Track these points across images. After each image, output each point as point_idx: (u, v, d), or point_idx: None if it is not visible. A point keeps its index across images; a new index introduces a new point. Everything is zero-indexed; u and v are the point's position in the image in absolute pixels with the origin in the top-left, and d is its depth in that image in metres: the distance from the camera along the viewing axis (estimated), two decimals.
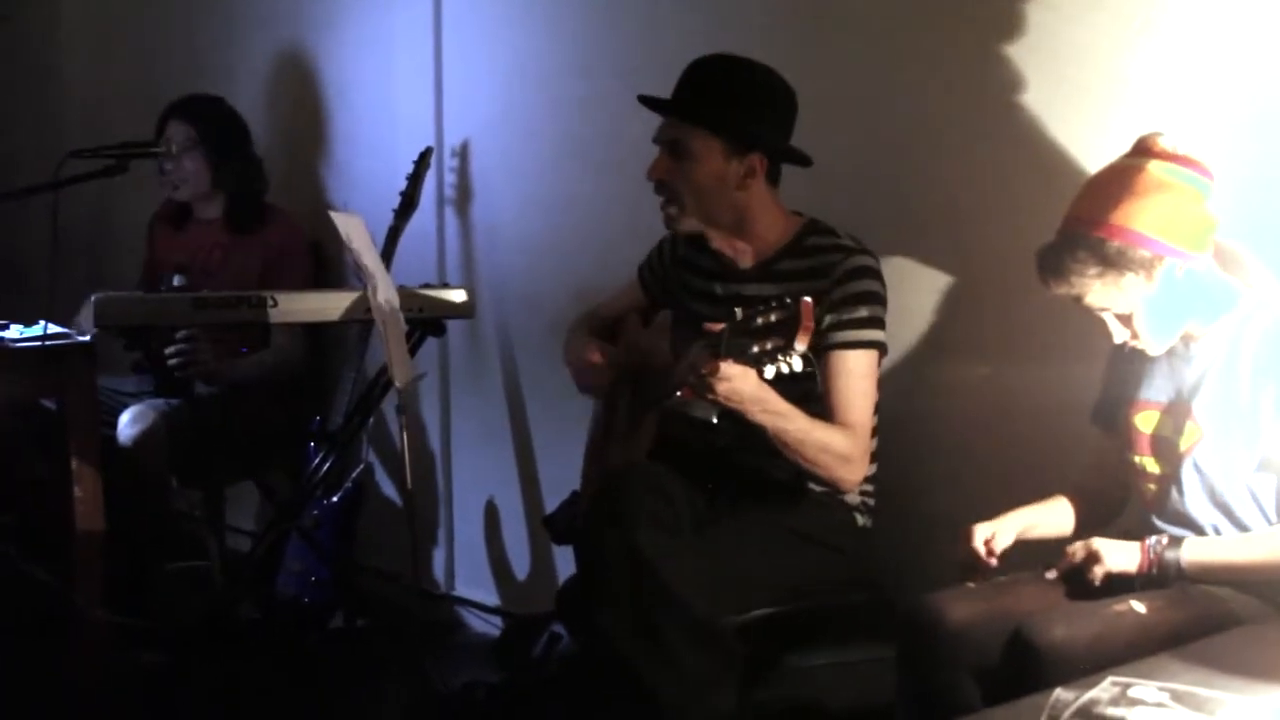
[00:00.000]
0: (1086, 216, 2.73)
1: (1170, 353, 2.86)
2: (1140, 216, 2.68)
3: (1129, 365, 2.96)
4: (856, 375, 3.30)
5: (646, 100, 3.49)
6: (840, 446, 3.26)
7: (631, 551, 3.04)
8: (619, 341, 3.79)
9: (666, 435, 3.38)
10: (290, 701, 4.20)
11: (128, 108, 6.04)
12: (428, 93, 4.92)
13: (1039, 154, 3.36)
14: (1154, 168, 2.71)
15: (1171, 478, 2.82)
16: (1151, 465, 2.88)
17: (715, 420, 3.22)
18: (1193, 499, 2.79)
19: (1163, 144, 2.74)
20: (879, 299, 3.35)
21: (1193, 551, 2.72)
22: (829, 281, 3.31)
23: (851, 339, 3.29)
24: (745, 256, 3.50)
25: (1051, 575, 2.84)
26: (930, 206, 3.62)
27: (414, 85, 4.98)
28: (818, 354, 3.21)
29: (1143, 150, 2.76)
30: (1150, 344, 2.81)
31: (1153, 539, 2.75)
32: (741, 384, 3.06)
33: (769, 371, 2.89)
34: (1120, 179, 2.73)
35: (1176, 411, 2.83)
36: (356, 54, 5.26)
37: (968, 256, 3.56)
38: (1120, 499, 3.02)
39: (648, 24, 4.28)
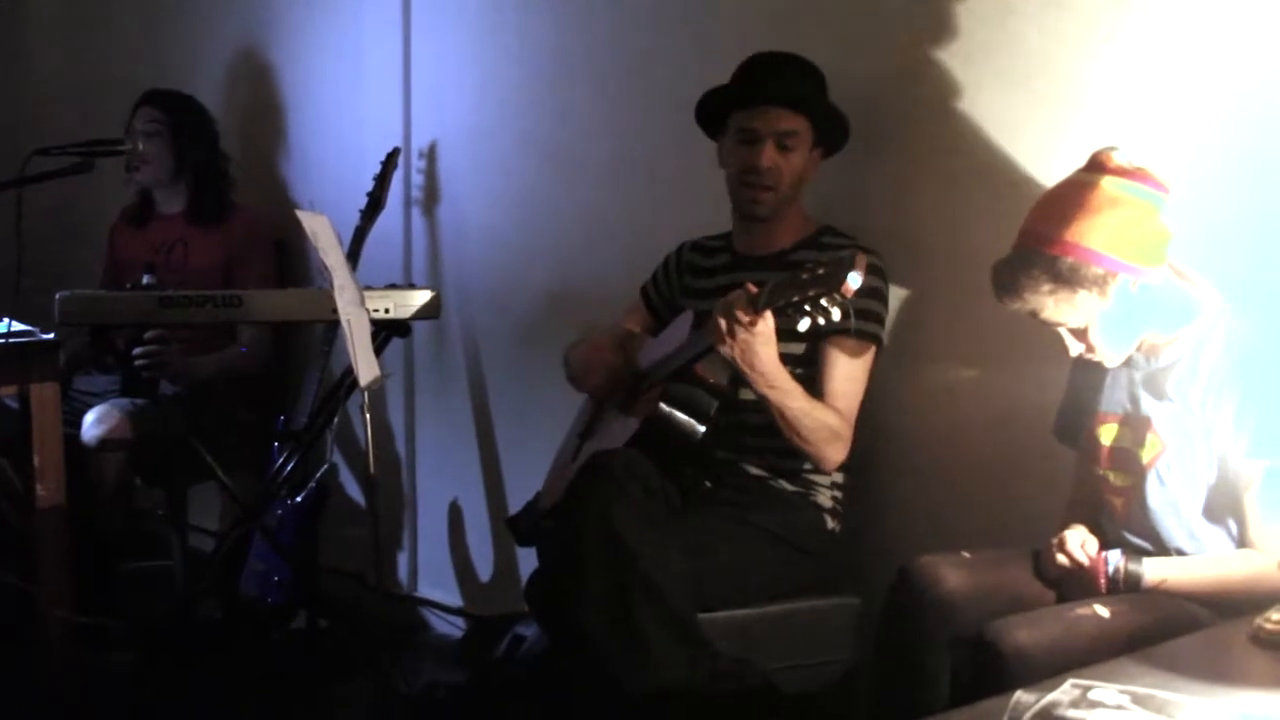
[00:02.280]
0: (1040, 233, 2.74)
1: (1130, 364, 2.87)
2: (1093, 233, 2.69)
3: (1090, 377, 2.98)
4: (854, 362, 3.40)
5: (760, 92, 3.49)
6: (833, 425, 3.33)
7: (610, 537, 3.06)
8: (624, 361, 3.79)
9: (652, 429, 3.39)
10: (252, 702, 4.19)
11: (93, 106, 6.02)
12: (396, 94, 4.92)
13: (1001, 161, 3.38)
14: (1107, 184, 2.72)
15: (1135, 490, 2.83)
16: (1115, 478, 2.89)
17: (701, 434, 3.28)
18: (1158, 512, 2.80)
19: (1116, 159, 2.74)
20: (883, 298, 3.44)
21: (1155, 571, 2.73)
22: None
23: (855, 327, 3.33)
24: (765, 245, 3.59)
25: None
26: (895, 214, 3.63)
27: (382, 86, 4.98)
28: (820, 339, 3.29)
29: (1096, 166, 2.76)
30: (1106, 357, 2.83)
31: (1111, 556, 2.77)
32: (762, 346, 3.14)
33: (803, 324, 2.95)
34: (1073, 195, 2.74)
35: (1136, 424, 2.85)
36: (326, 54, 5.25)
37: (935, 263, 3.57)
38: None
39: (618, 27, 4.29)
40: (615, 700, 3.11)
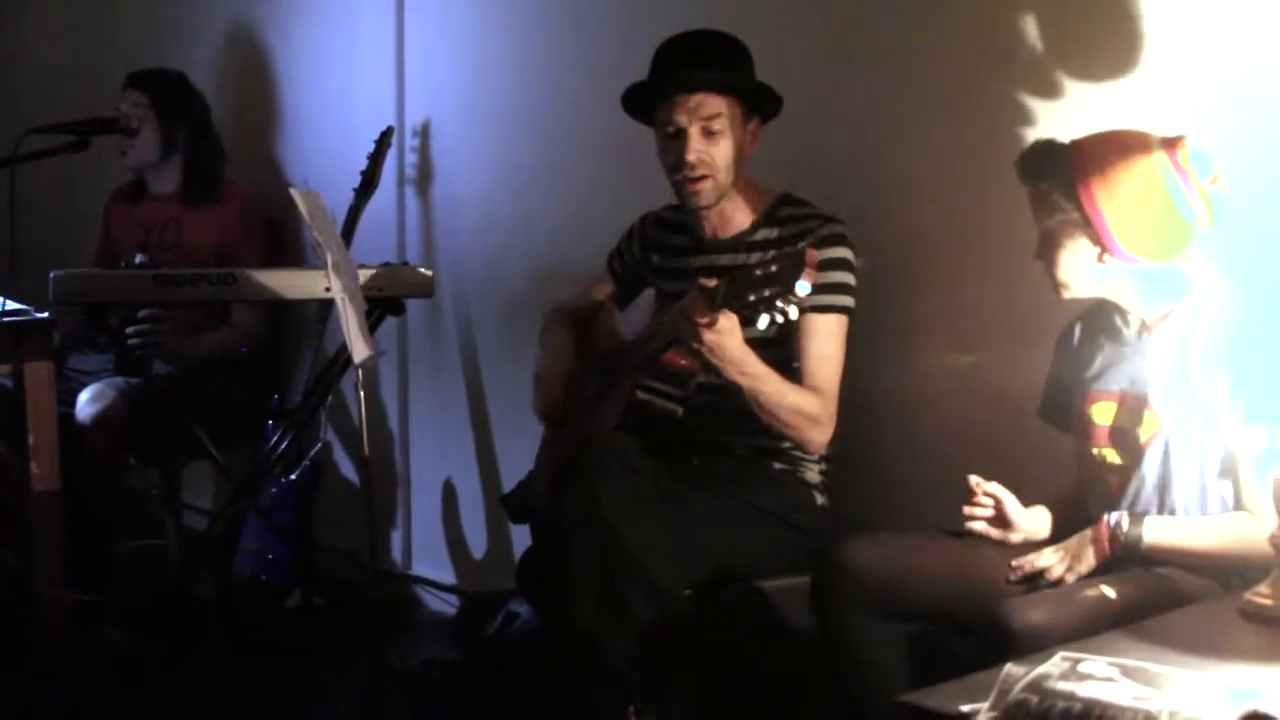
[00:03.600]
0: (1088, 162, 2.75)
1: (1123, 342, 2.88)
2: (1112, 204, 2.71)
3: (1079, 355, 2.99)
4: (827, 339, 3.34)
5: (673, 82, 3.43)
6: (812, 409, 3.29)
7: (596, 517, 3.07)
8: (594, 333, 3.79)
9: (635, 409, 3.41)
10: (247, 680, 4.20)
11: (88, 84, 6.02)
12: (389, 72, 4.92)
13: (996, 141, 3.36)
14: (1163, 170, 2.71)
15: (1133, 469, 2.83)
16: (1112, 457, 2.89)
17: (679, 415, 3.29)
18: (1154, 489, 2.80)
19: (1182, 152, 2.72)
20: (850, 266, 3.37)
21: (1154, 532, 2.73)
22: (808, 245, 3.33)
23: (823, 303, 3.30)
24: (726, 227, 3.52)
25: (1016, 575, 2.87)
26: (889, 194, 3.64)
27: (375, 64, 4.97)
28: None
29: (1170, 145, 2.73)
30: (1058, 284, 2.86)
31: (1112, 518, 2.76)
32: (729, 340, 3.10)
33: (762, 321, 2.91)
34: (1135, 152, 2.73)
35: (1133, 402, 2.84)
36: (318, 32, 5.25)
37: (930, 244, 3.57)
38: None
39: (610, 5, 4.29)
40: (606, 676, 3.13)
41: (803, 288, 2.84)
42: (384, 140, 4.72)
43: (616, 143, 4.23)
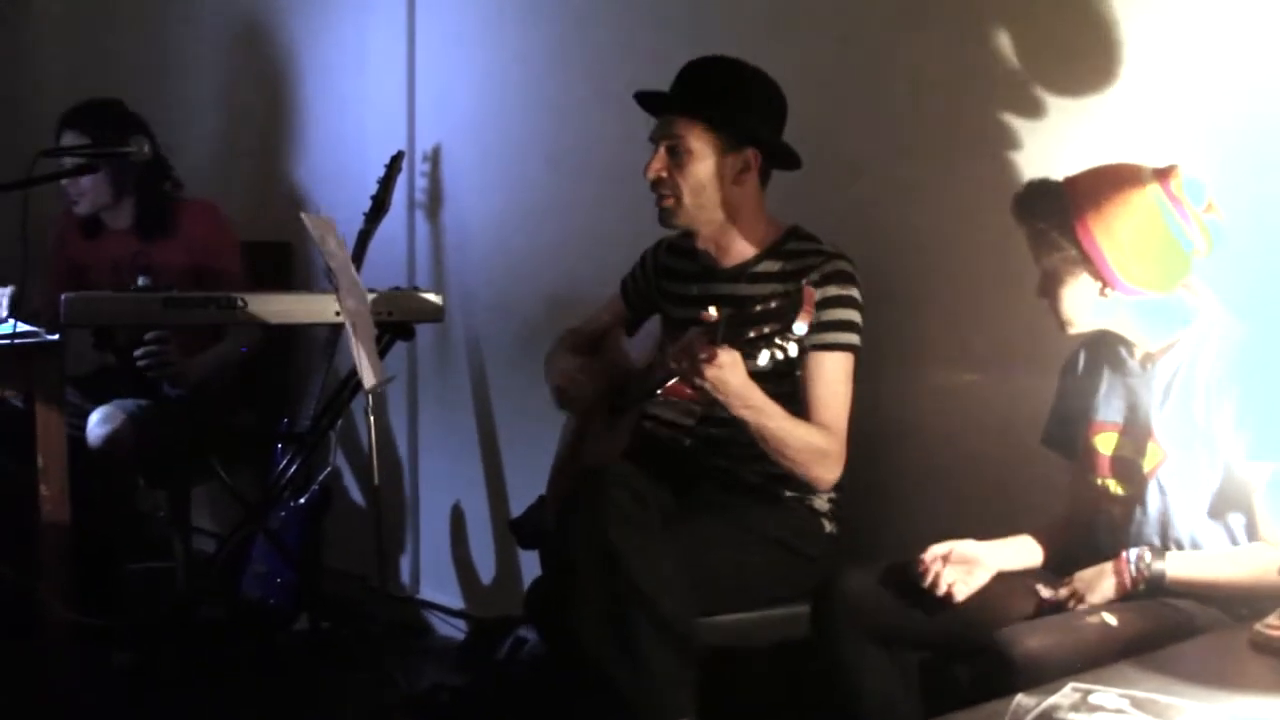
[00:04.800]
0: (1082, 198, 2.75)
1: (1128, 372, 2.88)
2: (1110, 239, 2.71)
3: (1083, 385, 2.98)
4: (833, 377, 3.32)
5: (644, 97, 3.50)
6: (819, 444, 3.28)
7: (602, 548, 3.06)
8: (601, 356, 3.80)
9: (641, 437, 3.40)
10: (254, 703, 4.19)
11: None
12: (400, 96, 4.93)
13: (1003, 166, 3.38)
14: (1157, 201, 2.71)
15: (1136, 499, 2.83)
16: (1115, 487, 2.89)
17: (686, 444, 3.28)
18: (1158, 519, 2.80)
19: (1176, 182, 2.72)
20: (856, 304, 3.36)
21: (1177, 567, 2.72)
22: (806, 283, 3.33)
23: (829, 341, 3.31)
24: (727, 257, 3.52)
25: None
26: (902, 217, 3.64)
27: (386, 89, 4.99)
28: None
29: (1160, 175, 2.74)
30: (1062, 320, 2.85)
31: (1133, 554, 2.75)
32: (730, 374, 3.08)
33: (763, 358, 2.90)
34: (1128, 186, 2.73)
35: (1136, 432, 2.84)
36: (329, 57, 5.27)
37: (936, 266, 3.58)
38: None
39: (622, 30, 4.30)
40: (614, 705, 3.12)
41: (800, 327, 2.83)
42: (394, 164, 4.72)
43: (628, 169, 4.22)
